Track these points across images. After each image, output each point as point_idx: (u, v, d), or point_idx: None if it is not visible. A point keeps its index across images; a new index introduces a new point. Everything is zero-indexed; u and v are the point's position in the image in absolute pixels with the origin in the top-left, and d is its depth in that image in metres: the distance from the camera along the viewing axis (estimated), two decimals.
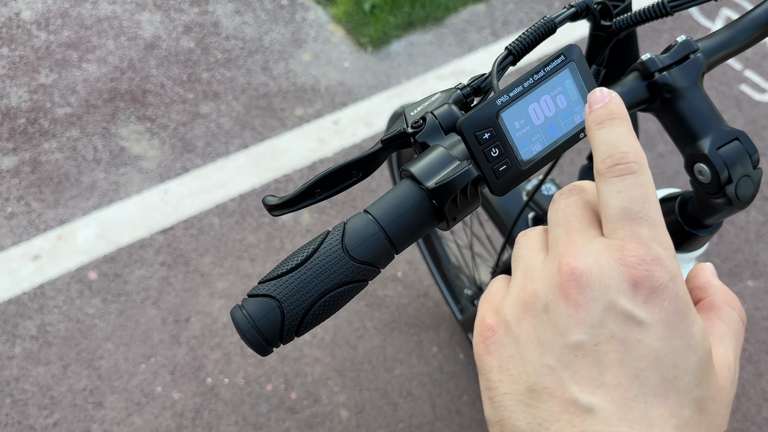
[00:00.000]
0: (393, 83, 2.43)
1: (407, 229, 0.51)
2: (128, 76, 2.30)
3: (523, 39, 0.63)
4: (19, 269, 1.84)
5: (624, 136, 0.38)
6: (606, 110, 0.40)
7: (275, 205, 0.61)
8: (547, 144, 0.52)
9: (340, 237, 0.49)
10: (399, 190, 0.52)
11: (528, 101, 0.51)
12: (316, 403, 1.72)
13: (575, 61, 0.52)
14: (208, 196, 2.04)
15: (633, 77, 0.64)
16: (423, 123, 0.55)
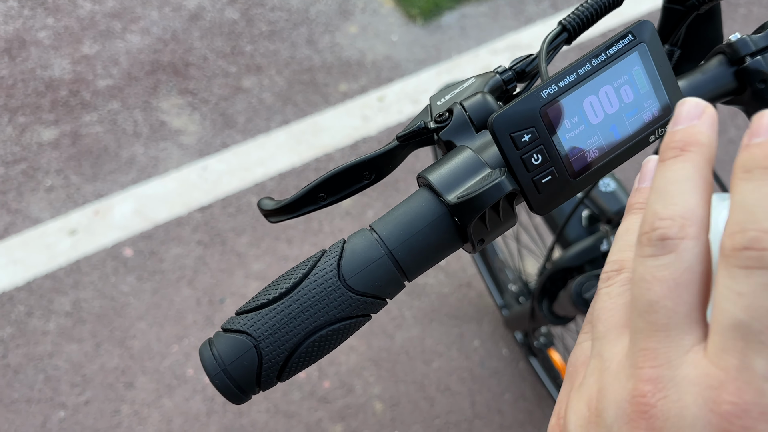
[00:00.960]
0: (443, 58, 2.30)
1: (421, 254, 0.41)
2: (171, 48, 2.24)
3: (581, 12, 0.52)
4: (56, 244, 1.82)
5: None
6: (763, 152, 0.26)
7: (272, 210, 0.52)
8: (606, 149, 0.41)
9: (335, 261, 0.40)
10: (413, 203, 0.42)
11: (583, 93, 0.40)
12: (349, 394, 1.65)
13: (647, 43, 0.41)
14: (246, 174, 1.98)
15: (717, 62, 0.52)
16: (449, 117, 0.45)
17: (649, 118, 0.41)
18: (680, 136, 0.30)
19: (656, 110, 0.41)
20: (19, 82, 2.12)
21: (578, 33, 0.52)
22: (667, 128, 0.31)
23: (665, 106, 0.41)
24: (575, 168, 0.40)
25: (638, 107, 0.41)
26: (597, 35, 2.29)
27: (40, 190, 1.91)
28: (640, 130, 0.41)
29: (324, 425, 1.61)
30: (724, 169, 1.98)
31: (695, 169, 0.28)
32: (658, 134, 0.42)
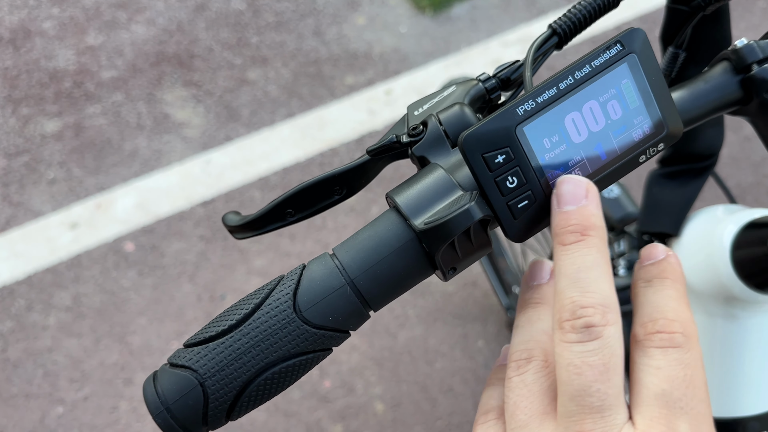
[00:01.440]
0: (452, 50, 2.26)
1: (386, 283, 0.38)
2: (176, 39, 2.22)
3: (573, 14, 0.48)
4: (57, 237, 1.81)
5: (674, 300, 0.32)
6: (658, 268, 0.34)
7: (236, 226, 0.49)
8: (591, 170, 0.37)
9: (291, 291, 0.37)
10: (378, 227, 0.38)
11: (565, 109, 0.36)
12: (350, 394, 1.62)
13: (638, 53, 0.37)
14: (250, 168, 1.95)
15: (722, 69, 0.48)
16: (423, 130, 0.42)
17: (639, 137, 0.37)
18: (576, 219, 0.32)
19: (647, 128, 0.37)
20: (23, 73, 2.10)
21: (570, 37, 0.48)
22: (554, 207, 0.34)
23: (657, 123, 0.38)
24: None
25: (627, 124, 0.37)
26: (611, 28, 2.23)
27: (42, 182, 1.90)
28: (628, 149, 0.37)
29: (324, 425, 1.59)
30: (738, 167, 1.92)
31: (599, 253, 0.31)
32: (650, 154, 0.38)
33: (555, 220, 0.34)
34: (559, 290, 0.31)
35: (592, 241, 0.32)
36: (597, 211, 0.33)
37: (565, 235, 0.32)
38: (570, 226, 0.32)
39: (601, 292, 0.30)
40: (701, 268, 0.64)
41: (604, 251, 0.32)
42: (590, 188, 0.34)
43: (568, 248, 0.32)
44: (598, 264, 0.31)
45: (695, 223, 0.67)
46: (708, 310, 0.65)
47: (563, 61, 2.10)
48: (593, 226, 0.32)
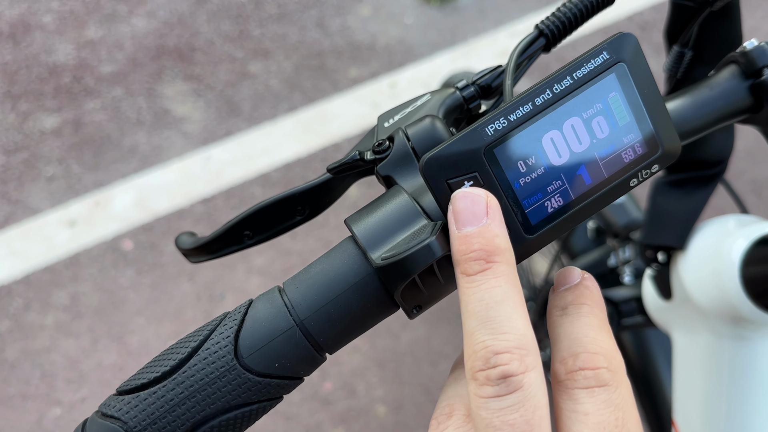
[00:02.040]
0: (458, 41, 2.20)
1: (341, 324, 0.33)
2: (177, 33, 2.18)
3: (563, 13, 0.43)
4: (55, 235, 1.78)
5: (594, 329, 0.29)
6: (574, 294, 0.31)
7: (191, 249, 0.45)
8: (573, 197, 0.33)
9: (233, 333, 0.33)
10: (333, 260, 0.34)
11: (542, 128, 0.32)
12: (351, 396, 1.59)
13: (627, 62, 0.32)
14: (251, 165, 1.91)
15: (729, 74, 0.43)
16: (389, 146, 0.37)
17: (629, 158, 0.33)
18: (478, 243, 0.28)
19: (639, 147, 0.33)
20: (22, 68, 2.07)
21: (559, 39, 0.43)
22: (451, 228, 0.30)
23: (651, 142, 0.33)
24: (532, 221, 0.32)
25: (615, 144, 0.32)
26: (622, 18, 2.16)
27: (40, 179, 1.87)
28: (618, 172, 0.33)
29: (324, 428, 1.55)
30: (754, 161, 1.86)
31: (509, 283, 0.27)
32: (642, 177, 0.33)
33: (455, 245, 0.29)
34: (468, 332, 0.27)
35: (499, 268, 0.28)
36: (501, 230, 0.29)
37: (467, 264, 0.28)
38: (472, 252, 0.28)
39: (516, 332, 0.26)
40: (708, 285, 0.59)
41: (513, 279, 0.28)
42: (491, 203, 0.29)
43: (473, 280, 0.28)
44: (509, 296, 0.27)
45: (703, 235, 0.62)
46: (715, 330, 0.60)
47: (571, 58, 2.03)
48: (498, 250, 0.28)
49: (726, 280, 0.57)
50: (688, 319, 0.64)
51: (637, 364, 0.90)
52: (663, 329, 0.72)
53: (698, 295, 0.60)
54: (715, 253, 0.59)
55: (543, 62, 2.03)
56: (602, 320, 0.30)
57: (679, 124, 0.42)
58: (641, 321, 0.77)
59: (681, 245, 0.62)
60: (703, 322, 0.62)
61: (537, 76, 1.99)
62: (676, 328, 0.68)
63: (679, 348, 0.67)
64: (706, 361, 0.62)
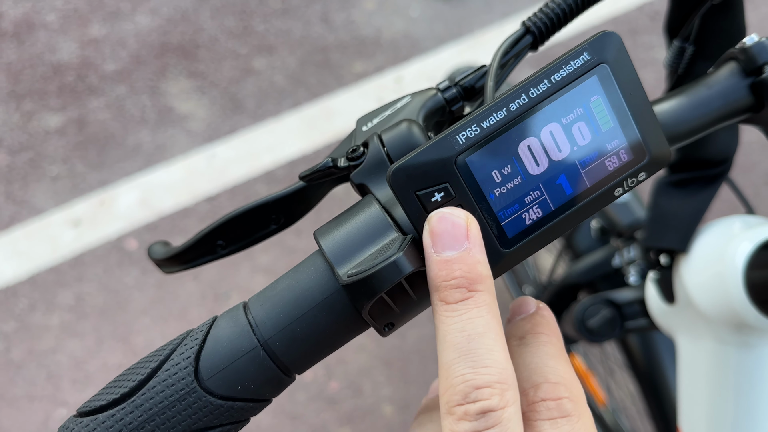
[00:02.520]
0: (464, 34, 2.17)
1: (308, 343, 0.31)
2: (180, 29, 2.16)
3: (552, 9, 0.41)
4: (60, 235, 1.78)
5: (553, 358, 0.28)
6: (530, 323, 0.30)
7: (163, 259, 0.43)
8: (553, 207, 0.30)
9: (194, 353, 0.31)
10: (301, 275, 0.32)
11: (518, 135, 0.29)
12: (357, 395, 1.57)
13: (611, 63, 0.30)
14: (255, 162, 1.90)
15: (728, 72, 0.41)
16: (364, 152, 0.35)
17: (614, 165, 0.30)
18: (460, 270, 0.27)
19: (624, 154, 0.30)
20: (27, 68, 2.07)
21: (547, 36, 0.41)
22: (428, 251, 0.28)
23: (637, 148, 0.31)
24: (509, 234, 0.30)
25: (598, 150, 0.30)
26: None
27: (45, 179, 1.87)
28: (601, 181, 0.30)
29: (330, 427, 1.54)
30: (767, 153, 1.82)
31: (491, 313, 0.26)
32: (628, 185, 0.31)
33: (432, 270, 0.28)
34: (447, 364, 0.26)
35: (481, 297, 0.27)
36: (483, 256, 0.28)
37: (447, 291, 0.27)
38: (453, 279, 0.27)
39: (498, 365, 0.26)
40: (710, 290, 0.57)
41: (495, 309, 0.27)
42: (471, 225, 0.28)
43: (453, 309, 0.27)
44: (491, 328, 0.26)
45: (707, 236, 0.60)
46: (719, 336, 0.58)
47: None
48: (481, 278, 0.27)
49: (729, 285, 0.54)
50: (691, 324, 0.62)
51: (644, 366, 0.87)
52: (667, 333, 0.69)
53: (701, 300, 0.58)
54: (719, 256, 0.56)
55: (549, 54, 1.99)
56: (560, 349, 0.29)
57: (675, 126, 0.40)
58: (645, 324, 0.74)
59: (683, 248, 0.60)
60: (707, 328, 0.59)
61: None
62: (680, 332, 0.65)
63: (684, 353, 0.65)
64: (711, 368, 0.60)
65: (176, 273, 0.44)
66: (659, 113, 0.40)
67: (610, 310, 0.76)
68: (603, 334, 0.76)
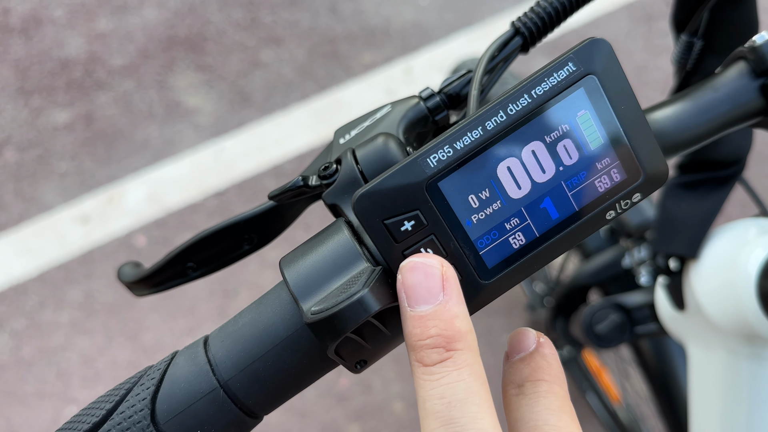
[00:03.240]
0: (475, 22, 2.13)
1: (272, 384, 0.29)
2: (188, 23, 2.14)
3: (543, 8, 0.38)
4: (69, 232, 1.77)
5: (554, 414, 0.26)
6: (529, 367, 0.28)
7: (133, 282, 0.41)
8: (538, 234, 0.28)
9: (150, 395, 0.29)
10: (265, 308, 0.30)
11: (496, 156, 0.27)
12: (367, 392, 1.56)
13: (599, 74, 0.27)
14: (263, 156, 1.88)
15: (737, 72, 0.38)
16: (337, 170, 0.33)
17: (605, 186, 0.28)
18: (436, 328, 0.24)
19: (616, 173, 0.28)
20: (35, 64, 2.06)
21: (538, 37, 0.38)
22: (403, 305, 0.25)
23: (630, 167, 0.28)
24: (488, 264, 0.27)
25: (587, 171, 0.27)
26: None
27: (54, 176, 1.87)
28: (591, 204, 0.28)
29: (340, 424, 1.53)
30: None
31: (472, 375, 0.24)
32: (621, 208, 0.28)
33: (407, 327, 0.25)
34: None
35: (461, 357, 0.24)
36: (460, 308, 0.25)
37: (423, 352, 0.24)
38: (429, 338, 0.24)
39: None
40: (721, 298, 0.54)
41: (477, 369, 0.25)
42: (447, 274, 0.25)
43: (431, 372, 0.24)
44: (473, 391, 0.24)
45: (719, 241, 0.57)
46: (730, 347, 0.55)
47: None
48: (459, 335, 0.24)
49: (741, 294, 0.51)
50: (702, 332, 0.59)
51: (656, 371, 0.84)
52: (677, 340, 0.66)
53: (711, 308, 0.55)
54: (730, 262, 0.53)
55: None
56: (563, 399, 0.26)
57: (679, 133, 0.37)
58: (655, 329, 0.71)
59: (693, 254, 0.56)
60: (718, 338, 0.56)
61: None
62: (691, 340, 0.62)
63: (695, 363, 0.62)
64: (723, 380, 0.57)
65: (147, 296, 0.42)
66: (661, 119, 0.37)
67: (618, 315, 0.73)
68: (611, 340, 0.73)
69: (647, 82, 1.95)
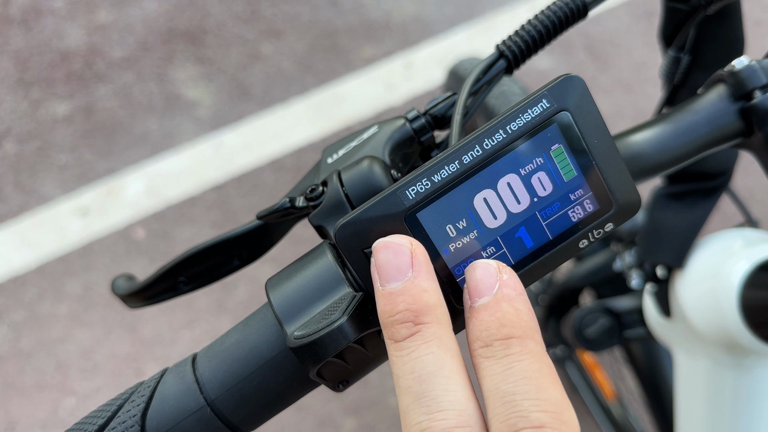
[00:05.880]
0: (476, 16, 2.12)
1: (257, 402, 0.30)
2: (188, 15, 2.14)
3: (527, 31, 0.39)
4: (68, 224, 1.78)
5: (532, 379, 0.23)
6: (495, 318, 0.25)
7: (126, 295, 0.42)
8: (513, 262, 0.29)
9: (140, 412, 0.29)
10: (250, 329, 0.31)
11: (473, 188, 0.27)
12: (364, 386, 1.57)
13: (572, 110, 0.27)
14: (263, 150, 1.88)
15: (717, 96, 0.38)
16: (323, 191, 0.33)
17: (578, 217, 0.28)
18: (404, 303, 0.24)
19: (589, 204, 0.28)
20: (35, 55, 2.07)
21: (522, 60, 0.39)
22: (375, 285, 0.25)
23: (603, 198, 0.29)
24: None
25: (561, 201, 0.28)
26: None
27: (53, 168, 1.87)
28: (564, 233, 0.28)
29: (336, 418, 1.54)
30: None
31: (442, 347, 0.24)
32: (593, 237, 0.29)
33: (379, 305, 0.25)
34: (403, 412, 0.23)
35: (429, 330, 0.24)
36: (429, 283, 0.25)
37: (393, 328, 0.25)
38: (398, 314, 0.24)
39: (456, 407, 0.22)
40: (704, 308, 0.55)
41: (447, 341, 0.24)
42: (416, 251, 0.25)
43: (401, 347, 0.24)
44: (443, 363, 0.23)
45: (705, 251, 0.57)
46: (713, 356, 0.56)
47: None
48: (427, 308, 0.24)
49: (723, 305, 0.52)
50: (687, 340, 0.60)
51: (647, 373, 0.85)
52: (664, 346, 0.67)
53: (695, 317, 0.56)
54: (715, 273, 0.54)
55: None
56: (540, 358, 0.24)
57: (659, 154, 0.38)
58: (644, 334, 0.72)
59: (679, 264, 0.57)
60: (702, 347, 0.57)
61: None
62: (677, 347, 0.63)
63: (681, 369, 0.63)
64: (707, 388, 0.58)
65: (140, 309, 0.43)
66: (642, 141, 0.38)
67: (608, 319, 0.74)
68: (601, 343, 0.74)
69: (647, 79, 1.95)
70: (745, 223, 0.63)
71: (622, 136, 0.38)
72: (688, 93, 0.53)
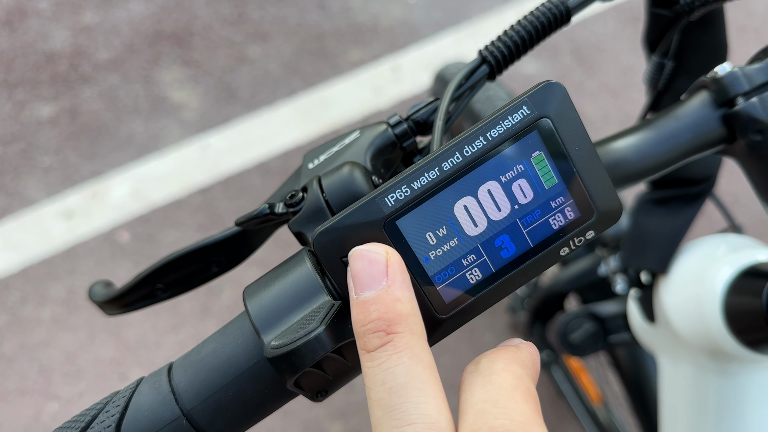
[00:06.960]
0: (463, 20, 2.13)
1: (235, 413, 0.29)
2: (174, 17, 2.13)
3: (510, 36, 0.39)
4: (52, 227, 1.77)
5: (506, 393, 0.24)
6: (495, 350, 0.26)
7: (104, 302, 0.41)
8: (494, 269, 0.28)
9: (114, 423, 0.29)
10: (227, 338, 0.30)
11: (453, 195, 0.27)
12: (350, 391, 1.56)
13: (553, 117, 0.27)
14: (249, 153, 1.87)
15: (699, 102, 0.38)
16: (303, 197, 0.33)
17: (559, 224, 0.28)
18: (377, 312, 0.24)
19: (570, 211, 0.28)
20: (19, 56, 2.05)
21: (505, 65, 0.39)
22: (351, 293, 0.25)
23: (584, 205, 0.28)
24: (445, 300, 0.28)
25: (542, 208, 0.28)
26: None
27: (37, 170, 1.86)
28: (545, 240, 0.28)
29: (322, 423, 1.54)
30: None
31: (413, 359, 0.23)
32: (574, 244, 0.29)
33: (353, 314, 0.25)
34: (373, 424, 0.23)
35: (401, 341, 0.24)
36: (403, 292, 0.25)
37: (366, 338, 0.24)
38: (370, 323, 0.24)
39: (426, 420, 0.22)
40: (689, 314, 0.55)
41: (419, 351, 0.24)
42: (391, 260, 0.25)
43: (372, 358, 0.24)
44: (414, 375, 0.23)
45: (689, 257, 0.57)
46: (697, 362, 0.56)
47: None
48: (399, 318, 0.24)
49: (706, 311, 0.52)
50: (671, 346, 0.60)
51: (631, 377, 0.86)
52: (648, 351, 0.67)
53: (678, 323, 0.56)
54: (698, 278, 0.54)
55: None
56: (519, 378, 0.24)
57: (642, 161, 0.37)
58: (628, 339, 0.72)
59: (662, 270, 0.57)
60: (686, 352, 0.57)
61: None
62: (661, 352, 0.63)
63: (664, 374, 0.63)
64: (690, 393, 0.58)
65: (118, 315, 0.42)
66: (624, 147, 0.37)
67: (592, 324, 0.74)
68: (585, 348, 0.74)
69: (633, 83, 1.96)
70: (728, 229, 0.63)
71: (605, 142, 0.38)
72: (672, 99, 0.53)
